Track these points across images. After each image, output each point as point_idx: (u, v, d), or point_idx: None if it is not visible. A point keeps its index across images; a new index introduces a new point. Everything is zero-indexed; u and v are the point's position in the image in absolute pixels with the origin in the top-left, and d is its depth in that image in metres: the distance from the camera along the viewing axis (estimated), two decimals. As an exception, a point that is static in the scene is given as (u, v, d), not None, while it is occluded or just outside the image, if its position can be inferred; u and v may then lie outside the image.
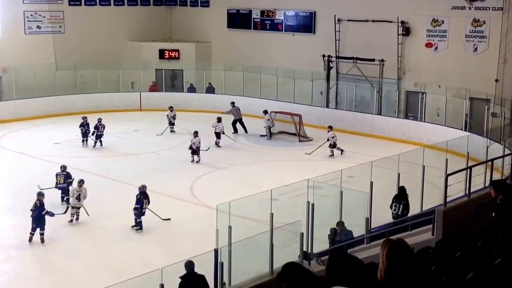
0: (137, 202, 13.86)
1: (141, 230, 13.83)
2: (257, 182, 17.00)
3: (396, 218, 12.65)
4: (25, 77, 26.19)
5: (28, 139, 22.26)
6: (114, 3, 30.38)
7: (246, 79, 27.81)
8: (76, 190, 14.32)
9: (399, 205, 12.83)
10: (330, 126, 21.21)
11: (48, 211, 13.11)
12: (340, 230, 11.51)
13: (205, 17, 31.23)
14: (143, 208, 13.84)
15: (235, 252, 9.26)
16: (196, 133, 19.57)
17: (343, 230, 11.52)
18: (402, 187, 13.05)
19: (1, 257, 12.48)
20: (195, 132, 19.61)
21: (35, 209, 12.98)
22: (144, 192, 14.06)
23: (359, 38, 25.63)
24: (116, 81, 28.37)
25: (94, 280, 11.21)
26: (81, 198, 14.23)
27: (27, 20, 27.46)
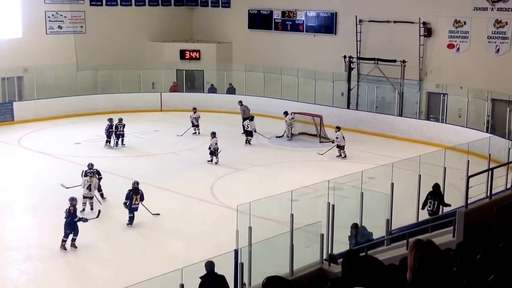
0: (126, 197, 14.14)
1: (130, 224, 14.01)
2: (277, 183, 16.96)
3: (432, 215, 12.79)
4: (46, 77, 26.46)
5: (49, 139, 22.49)
6: (135, 4, 30.59)
7: (266, 80, 27.80)
8: (87, 181, 14.80)
9: (434, 202, 13.07)
10: (338, 127, 21.14)
11: (81, 218, 12.87)
12: (356, 232, 11.43)
13: (226, 18, 31.29)
14: (132, 204, 14.03)
15: (255, 253, 9.23)
16: (214, 134, 19.55)
17: (359, 232, 11.45)
18: (437, 184, 13.20)
19: (21, 257, 12.59)
20: (213, 133, 19.62)
21: (68, 215, 12.66)
22: (135, 188, 14.27)
23: (380, 39, 25.48)
24: (137, 81, 28.56)
25: (113, 279, 11.27)
26: (92, 188, 14.77)
27: (48, 20, 27.73)
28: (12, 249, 12.91)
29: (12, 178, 17.98)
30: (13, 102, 25.33)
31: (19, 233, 13.91)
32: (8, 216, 15.03)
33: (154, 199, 16.00)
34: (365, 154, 20.68)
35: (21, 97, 26.26)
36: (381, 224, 11.68)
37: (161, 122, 25.29)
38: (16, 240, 13.44)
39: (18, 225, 14.49)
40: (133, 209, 14.10)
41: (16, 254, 12.64)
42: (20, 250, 12.87)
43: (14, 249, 12.90)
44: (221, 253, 9.70)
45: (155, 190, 16.64)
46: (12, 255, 12.63)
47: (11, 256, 12.57)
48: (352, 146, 22.01)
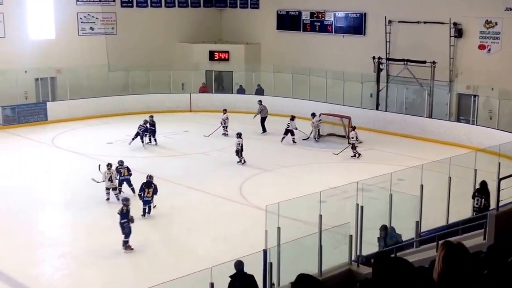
0: (140, 190, 14.82)
1: (143, 216, 14.50)
2: (305, 184, 17.00)
3: (479, 212, 12.74)
4: (79, 77, 26.94)
5: (82, 139, 22.91)
6: (165, 5, 30.92)
7: (295, 81, 27.84)
8: (107, 173, 15.61)
9: (481, 199, 13.06)
10: (353, 126, 21.09)
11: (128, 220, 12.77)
12: (385, 233, 11.41)
13: (255, 19, 31.42)
14: (145, 196, 14.59)
15: (284, 253, 9.29)
16: (239, 134, 19.71)
17: (388, 233, 11.42)
18: (484, 182, 13.15)
19: (55, 253, 12.86)
20: (238, 134, 19.78)
21: (121, 215, 12.81)
22: (148, 181, 14.78)
23: (410, 40, 25.30)
24: (167, 82, 28.90)
25: (145, 276, 11.44)
26: (113, 178, 15.67)
27: (80, 21, 28.23)
28: (46, 246, 13.21)
29: (45, 177, 18.38)
30: (46, 102, 25.88)
31: (53, 231, 14.24)
32: (42, 213, 15.38)
33: (183, 198, 16.23)
34: (394, 155, 20.59)
35: (54, 98, 26.78)
36: (410, 226, 11.64)
37: (190, 123, 25.53)
38: (50, 237, 13.75)
39: (52, 223, 14.83)
40: (146, 201, 14.66)
41: (50, 251, 12.93)
42: (55, 247, 13.16)
43: (48, 246, 13.20)
44: (250, 253, 9.78)
45: (185, 190, 16.85)
46: (46, 251, 12.93)
47: (46, 253, 12.87)
48: (381, 147, 21.95)
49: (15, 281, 11.41)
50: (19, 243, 13.14)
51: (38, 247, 13.19)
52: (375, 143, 22.60)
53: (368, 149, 21.76)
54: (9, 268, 11.81)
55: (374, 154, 21.02)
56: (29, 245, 13.14)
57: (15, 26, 25.92)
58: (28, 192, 16.91)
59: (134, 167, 17.89)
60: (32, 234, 13.90)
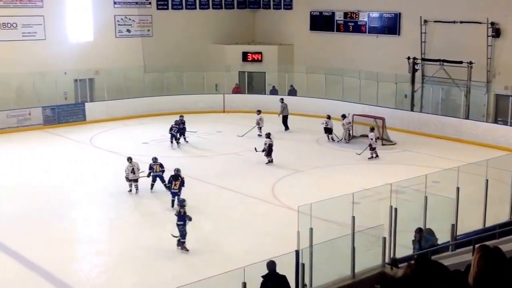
0: (168, 182, 15.55)
1: (172, 207, 14.87)
2: (338, 185, 16.95)
3: None
4: (116, 79, 27.44)
5: (119, 139, 23.31)
6: (200, 7, 31.22)
7: (328, 81, 27.75)
8: (129, 166, 16.48)
9: None
10: (372, 128, 20.93)
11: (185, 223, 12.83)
12: (419, 236, 11.29)
13: (288, 20, 31.43)
14: (172, 188, 15.23)
15: (316, 254, 9.29)
16: (268, 135, 19.93)
17: (422, 236, 11.30)
18: None
19: (93, 251, 13.13)
20: (267, 134, 20.00)
21: (178, 217, 12.92)
22: (176, 174, 15.35)
23: (446, 40, 24.95)
24: (200, 83, 29.16)
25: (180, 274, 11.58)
26: (135, 170, 16.44)
27: (117, 24, 28.74)
28: (84, 243, 13.51)
29: (84, 176, 18.78)
30: (85, 103, 26.43)
31: (90, 228, 14.54)
32: (81, 211, 15.72)
33: (215, 198, 16.37)
34: (429, 157, 20.34)
35: (92, 98, 27.32)
36: (445, 229, 11.49)
37: (223, 123, 25.71)
38: (88, 235, 14.05)
39: (90, 220, 15.13)
40: (173, 193, 15.22)
41: (89, 248, 13.21)
42: (92, 244, 13.45)
43: (86, 243, 13.49)
44: (282, 253, 9.81)
45: (217, 190, 16.98)
46: (84, 248, 13.22)
47: (84, 250, 13.15)
48: (416, 149, 21.71)
49: (54, 276, 11.68)
50: (58, 240, 13.45)
51: (77, 244, 13.49)
52: (410, 144, 22.36)
53: (402, 151, 21.56)
54: (48, 264, 12.10)
55: (408, 156, 20.81)
56: (67, 242, 13.46)
57: (55, 29, 26.55)
58: (66, 190, 17.33)
59: (168, 167, 18.13)
60: (70, 231, 14.24)
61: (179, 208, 13.01)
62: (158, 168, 16.70)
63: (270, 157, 19.67)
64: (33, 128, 24.40)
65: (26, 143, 22.49)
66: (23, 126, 24.33)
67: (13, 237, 13.46)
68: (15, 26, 25.56)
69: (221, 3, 31.94)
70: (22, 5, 25.67)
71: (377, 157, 20.29)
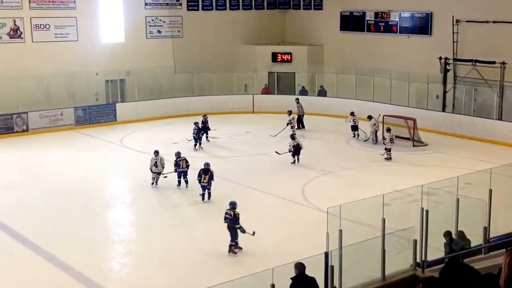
0: (198, 175, 15.96)
1: (203, 201, 15.68)
2: (368, 186, 16.81)
3: None
4: (146, 79, 27.71)
5: (149, 139, 23.48)
6: (230, 8, 31.31)
7: (358, 82, 27.55)
8: (153, 159, 17.17)
9: None
10: (388, 128, 20.70)
11: (240, 227, 12.82)
12: (449, 240, 11.12)
13: (318, 20, 31.31)
14: (201, 182, 15.79)
15: (346, 256, 9.21)
16: (293, 136, 20.13)
17: (452, 239, 11.13)
18: None
19: (122, 251, 13.26)
20: (292, 135, 20.19)
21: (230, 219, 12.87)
22: (206, 168, 15.92)
23: (478, 40, 24.55)
24: (230, 83, 29.25)
25: (206, 275, 11.62)
26: (159, 164, 17.15)
27: (148, 25, 29.02)
28: (115, 243, 13.66)
29: (114, 176, 19.01)
30: (115, 103, 26.74)
31: (121, 228, 14.70)
32: (111, 211, 15.93)
33: (244, 199, 16.37)
34: (461, 159, 20.03)
35: (123, 99, 27.63)
36: (478, 232, 11.30)
37: (253, 124, 25.74)
38: (119, 235, 14.21)
39: (121, 220, 15.31)
40: (203, 186, 15.84)
41: (119, 248, 13.36)
42: (123, 244, 13.59)
43: (117, 243, 13.65)
44: (311, 255, 9.76)
45: (246, 190, 17.00)
46: (115, 248, 13.36)
47: (115, 250, 13.29)
48: (448, 150, 21.42)
49: (84, 276, 11.83)
50: (88, 240, 13.61)
51: (108, 244, 13.64)
52: (441, 145, 22.07)
53: (434, 152, 21.29)
54: (79, 264, 12.25)
55: (440, 157, 20.54)
56: (98, 242, 13.60)
57: (87, 30, 26.95)
58: (97, 190, 17.56)
59: (198, 167, 18.23)
60: (101, 231, 14.39)
61: (230, 210, 12.85)
62: (184, 164, 17.12)
63: (295, 158, 19.68)
64: (65, 129, 24.79)
65: (58, 143, 22.87)
66: (55, 126, 24.74)
67: (44, 237, 13.65)
68: (48, 28, 26.02)
69: (251, 3, 31.98)
70: (55, 7, 26.11)
71: (390, 159, 20.02)
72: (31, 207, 15.72)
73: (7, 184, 17.71)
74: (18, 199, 16.42)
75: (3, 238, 13.74)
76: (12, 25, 25.18)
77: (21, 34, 25.44)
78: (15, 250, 13.10)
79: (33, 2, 25.49)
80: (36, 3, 25.59)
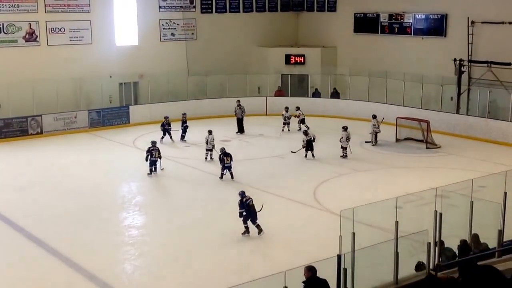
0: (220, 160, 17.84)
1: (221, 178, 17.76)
2: (381, 188, 16.75)
3: None
4: (159, 82, 27.83)
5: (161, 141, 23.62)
6: (243, 10, 31.36)
7: (372, 84, 27.44)
8: (206, 137, 20.12)
9: None
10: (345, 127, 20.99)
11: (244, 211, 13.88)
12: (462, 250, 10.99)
13: (332, 22, 31.27)
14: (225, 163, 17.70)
15: (359, 259, 9.18)
16: (305, 132, 20.95)
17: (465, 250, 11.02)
18: None
19: (136, 253, 13.29)
20: (305, 131, 21.02)
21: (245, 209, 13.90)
22: (224, 152, 17.90)
23: (494, 41, 24.37)
24: (243, 86, 29.28)
25: (219, 278, 11.63)
26: (209, 142, 19.90)
27: (162, 28, 29.15)
28: (128, 245, 13.70)
29: (128, 177, 19.09)
30: (129, 106, 26.89)
31: (134, 230, 14.74)
32: (125, 213, 15.97)
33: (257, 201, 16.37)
34: (475, 161, 19.88)
35: (136, 101, 27.77)
36: (492, 235, 11.20)
37: (265, 126, 25.73)
38: (131, 236, 14.25)
39: (134, 222, 15.34)
40: (227, 167, 17.78)
41: (132, 250, 13.39)
42: (136, 245, 13.63)
43: (130, 245, 13.68)
44: (324, 258, 9.74)
45: (259, 193, 16.96)
46: (128, 250, 13.40)
47: (128, 252, 13.32)
48: (462, 152, 21.28)
49: (97, 277, 11.89)
50: (102, 242, 13.70)
51: (121, 245, 13.68)
52: (455, 148, 21.92)
53: (447, 154, 21.15)
54: (92, 265, 12.33)
55: (454, 159, 20.39)
56: (111, 244, 13.67)
57: (102, 34, 27.14)
58: (111, 192, 17.67)
59: (209, 170, 18.32)
60: (114, 233, 14.44)
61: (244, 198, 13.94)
62: (156, 154, 18.48)
63: (307, 152, 20.30)
64: (79, 131, 24.98)
65: (71, 145, 23.04)
66: (70, 129, 24.93)
67: (57, 238, 13.75)
68: (63, 31, 26.24)
69: (264, 6, 32.02)
70: (70, 10, 26.33)
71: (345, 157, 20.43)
72: (45, 209, 15.85)
73: (21, 186, 17.88)
74: (32, 201, 16.57)
75: (18, 239, 13.88)
76: (27, 28, 25.44)
77: (36, 38, 25.69)
78: (29, 251, 13.21)
79: (49, 6, 25.73)
80: (52, 7, 25.83)
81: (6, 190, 17.55)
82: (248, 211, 13.86)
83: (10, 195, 17.14)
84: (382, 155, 21.23)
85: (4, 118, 23.80)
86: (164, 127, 23.30)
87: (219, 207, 16.03)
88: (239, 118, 24.73)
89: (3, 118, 23.81)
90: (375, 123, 22.36)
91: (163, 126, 23.31)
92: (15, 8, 24.97)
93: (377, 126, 22.39)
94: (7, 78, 24.19)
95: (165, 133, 23.29)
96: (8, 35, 24.99)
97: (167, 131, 23.32)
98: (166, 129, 23.30)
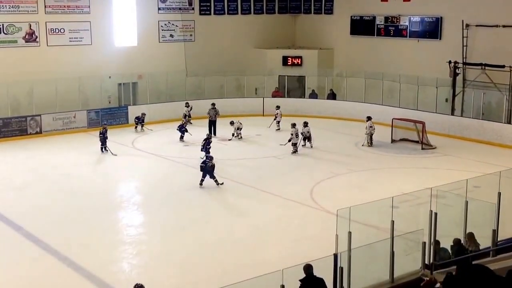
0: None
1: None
2: (377, 188, 16.94)
3: None
4: (158, 83, 28.01)
5: (159, 141, 23.76)
6: (241, 12, 31.56)
7: (368, 85, 27.67)
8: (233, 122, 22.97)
9: None
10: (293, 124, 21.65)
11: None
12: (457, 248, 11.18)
13: (329, 24, 31.49)
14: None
15: (355, 258, 9.32)
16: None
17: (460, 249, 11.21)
18: None
19: (133, 252, 13.39)
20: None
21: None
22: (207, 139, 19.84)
23: (488, 44, 24.62)
24: (241, 87, 29.45)
25: (216, 277, 11.75)
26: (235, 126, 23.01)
27: (161, 29, 29.32)
28: (126, 244, 13.82)
29: (126, 177, 19.25)
30: (127, 106, 27.02)
31: (132, 229, 14.87)
32: (123, 212, 16.12)
33: (254, 201, 16.55)
34: (470, 162, 20.11)
35: (135, 102, 27.91)
36: (486, 234, 11.40)
37: (263, 127, 25.90)
38: (129, 236, 14.38)
39: (131, 221, 15.48)
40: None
41: (129, 249, 13.51)
42: (133, 245, 13.75)
43: (128, 244, 13.80)
44: (320, 257, 9.88)
45: (256, 193, 17.17)
46: (125, 249, 13.50)
47: (125, 251, 13.42)
48: (457, 153, 21.49)
49: (95, 276, 11.95)
50: (100, 241, 13.77)
51: (119, 245, 13.79)
52: (450, 149, 22.16)
53: (442, 155, 21.38)
54: (90, 264, 12.38)
55: (449, 160, 20.61)
56: (109, 243, 13.75)
57: (101, 34, 27.28)
58: (109, 191, 17.81)
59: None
60: (112, 232, 14.55)
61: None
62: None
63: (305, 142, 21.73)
64: (78, 131, 25.11)
65: (70, 145, 23.16)
66: (69, 129, 25.07)
67: (55, 238, 13.80)
68: (63, 32, 26.38)
69: (262, 8, 32.23)
70: (70, 11, 26.48)
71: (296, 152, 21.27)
72: (44, 208, 15.93)
73: (20, 185, 18.00)
74: (31, 200, 16.66)
75: (16, 238, 13.91)
76: (27, 29, 25.57)
77: (36, 38, 25.82)
78: (27, 250, 13.26)
79: (49, 7, 25.87)
80: (52, 8, 25.97)
81: (5, 190, 17.63)
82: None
83: (8, 194, 17.25)
84: (378, 156, 21.44)
85: (3, 118, 23.91)
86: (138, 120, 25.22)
87: (217, 206, 16.22)
88: (212, 120, 24.77)
89: (2, 117, 23.92)
90: (371, 124, 22.57)
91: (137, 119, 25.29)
92: (15, 9, 25.11)
93: (373, 128, 22.59)
94: (6, 78, 24.31)
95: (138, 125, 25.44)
96: (8, 35, 25.12)
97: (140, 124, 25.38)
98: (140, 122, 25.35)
